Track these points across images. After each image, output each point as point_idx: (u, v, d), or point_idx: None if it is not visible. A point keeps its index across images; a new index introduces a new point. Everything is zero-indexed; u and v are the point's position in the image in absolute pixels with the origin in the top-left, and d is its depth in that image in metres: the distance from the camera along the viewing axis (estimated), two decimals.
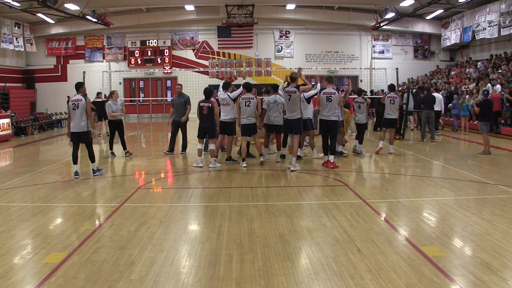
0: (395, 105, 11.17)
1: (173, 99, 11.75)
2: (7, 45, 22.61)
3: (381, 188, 7.63)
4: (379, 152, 10.99)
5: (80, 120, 8.39)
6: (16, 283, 3.88)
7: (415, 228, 5.28)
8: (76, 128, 8.44)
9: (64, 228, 5.50)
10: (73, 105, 8.42)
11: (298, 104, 9.00)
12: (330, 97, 9.08)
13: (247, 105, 9.40)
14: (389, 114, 11.12)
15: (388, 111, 11.13)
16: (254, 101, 9.48)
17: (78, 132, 8.45)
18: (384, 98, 11.41)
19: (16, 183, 8.31)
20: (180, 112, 11.24)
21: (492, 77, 17.67)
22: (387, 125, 11.21)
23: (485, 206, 6.24)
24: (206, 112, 9.45)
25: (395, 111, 11.26)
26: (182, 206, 6.51)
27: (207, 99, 9.56)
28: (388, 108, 11.12)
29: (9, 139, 16.07)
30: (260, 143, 9.98)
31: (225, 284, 3.82)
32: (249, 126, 9.53)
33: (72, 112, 8.44)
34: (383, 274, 3.94)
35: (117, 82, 25.71)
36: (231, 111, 9.71)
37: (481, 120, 11.10)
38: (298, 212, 6.06)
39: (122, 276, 3.99)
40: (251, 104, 9.42)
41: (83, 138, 8.54)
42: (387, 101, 11.18)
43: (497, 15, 19.32)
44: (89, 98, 8.55)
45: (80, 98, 8.41)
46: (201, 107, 9.47)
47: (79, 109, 8.37)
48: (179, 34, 26.54)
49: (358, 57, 26.79)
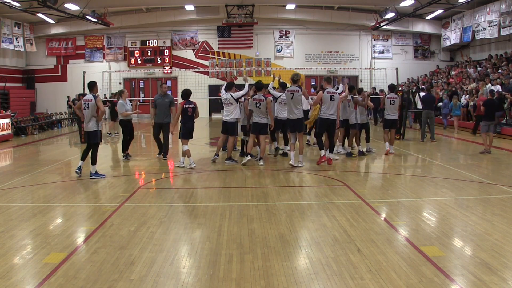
0: (395, 105, 11.10)
1: (155, 99, 10.67)
2: (7, 45, 22.60)
3: (381, 188, 7.63)
4: (388, 154, 10.84)
5: (89, 120, 8.43)
6: (16, 283, 3.88)
7: (415, 228, 5.28)
8: (86, 128, 8.56)
9: (64, 228, 5.50)
10: (84, 104, 8.47)
11: (301, 103, 9.37)
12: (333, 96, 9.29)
13: (257, 106, 9.52)
14: (390, 115, 11.07)
15: (388, 112, 11.09)
16: (264, 102, 9.52)
17: (87, 132, 8.53)
18: (384, 99, 11.36)
19: (16, 183, 8.31)
20: (164, 113, 10.40)
21: (492, 77, 17.67)
22: (388, 126, 11.10)
23: (485, 206, 6.24)
24: (190, 113, 9.52)
25: (395, 112, 11.21)
26: (182, 206, 6.51)
27: (189, 100, 9.55)
28: (388, 109, 11.07)
29: (9, 139, 16.07)
30: (265, 143, 10.16)
31: (225, 284, 3.82)
32: (260, 125, 9.64)
33: (84, 111, 8.50)
34: (383, 274, 3.94)
35: (117, 82, 25.71)
36: (234, 111, 9.76)
37: (485, 120, 11.15)
38: (298, 212, 6.06)
39: (122, 276, 3.99)
40: (261, 105, 9.51)
41: (91, 139, 8.53)
42: (387, 102, 11.11)
43: (497, 15, 19.32)
44: (99, 98, 8.51)
45: (90, 98, 8.44)
46: (185, 109, 9.47)
47: (89, 109, 8.40)
48: (179, 34, 26.54)
49: (358, 57, 26.79)
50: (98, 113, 8.41)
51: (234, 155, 10.36)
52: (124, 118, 10.75)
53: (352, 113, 10.67)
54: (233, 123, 9.84)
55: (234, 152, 10.56)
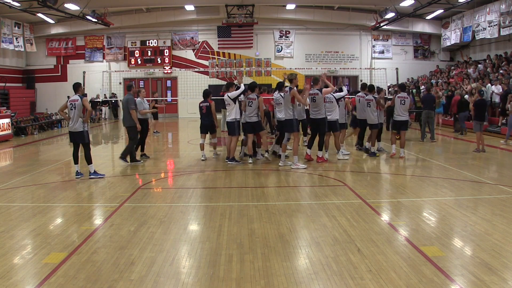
0: (405, 105, 10.34)
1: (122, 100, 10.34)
2: (7, 45, 22.59)
3: (381, 188, 7.63)
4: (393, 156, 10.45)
5: (76, 121, 8.42)
6: (16, 283, 3.88)
7: (415, 228, 5.28)
8: (72, 129, 8.52)
9: (64, 228, 5.50)
10: (71, 105, 8.46)
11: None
12: (314, 98, 9.54)
13: (249, 104, 9.79)
14: (399, 116, 10.38)
15: (398, 112, 10.38)
16: (256, 101, 9.77)
17: (73, 132, 8.51)
18: (394, 100, 10.60)
19: (16, 183, 8.31)
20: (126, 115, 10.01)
21: (492, 77, 17.67)
22: (397, 128, 10.52)
23: (485, 206, 6.24)
24: (205, 111, 10.36)
25: (406, 113, 10.48)
26: (182, 206, 6.51)
27: (206, 99, 10.41)
28: (398, 109, 10.36)
29: (9, 139, 16.07)
30: (267, 141, 10.44)
31: (225, 284, 3.82)
32: (252, 124, 9.85)
33: (70, 112, 8.49)
34: (383, 274, 3.95)
35: (117, 82, 25.71)
36: (233, 111, 9.82)
37: (476, 119, 11.26)
38: (298, 212, 6.06)
39: (122, 276, 3.99)
40: (253, 104, 9.75)
41: (78, 139, 8.54)
42: (397, 102, 10.37)
43: (497, 15, 19.31)
44: (85, 98, 8.55)
45: (76, 99, 8.44)
46: (200, 107, 10.42)
47: (76, 109, 8.40)
48: (179, 34, 26.52)
49: (358, 57, 26.77)
50: (85, 113, 8.42)
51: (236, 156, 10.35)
52: (142, 116, 10.58)
53: (375, 113, 10.59)
54: (232, 123, 9.87)
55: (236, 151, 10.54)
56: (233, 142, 9.98)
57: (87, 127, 8.58)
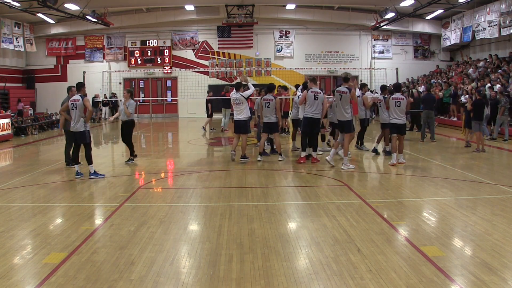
0: (401, 107, 9.59)
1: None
2: (7, 45, 22.58)
3: (381, 188, 7.63)
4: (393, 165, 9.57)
5: (77, 121, 8.42)
6: (16, 283, 3.88)
7: (415, 228, 5.28)
8: (73, 128, 8.52)
9: (64, 228, 5.49)
10: (72, 105, 8.45)
11: (349, 105, 9.30)
12: (317, 96, 9.54)
13: (266, 105, 9.98)
14: (395, 119, 9.64)
15: (393, 115, 9.66)
16: (273, 102, 9.98)
17: (74, 132, 8.52)
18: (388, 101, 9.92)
19: (16, 183, 8.31)
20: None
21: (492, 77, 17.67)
22: (394, 131, 9.74)
23: (485, 206, 6.24)
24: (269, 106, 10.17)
25: (402, 115, 9.69)
26: (182, 206, 6.51)
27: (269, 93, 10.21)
28: (393, 112, 9.67)
29: (9, 139, 16.06)
30: (280, 142, 10.49)
31: (225, 284, 3.82)
32: (271, 124, 10.04)
33: (72, 112, 8.49)
34: (383, 274, 3.95)
35: (117, 82, 25.71)
36: (245, 110, 10.03)
37: (474, 119, 11.30)
38: (298, 212, 6.06)
39: (122, 276, 3.99)
40: (270, 105, 9.96)
41: (78, 139, 8.55)
42: (391, 104, 9.70)
43: (497, 15, 19.31)
44: (86, 98, 8.54)
45: (77, 98, 8.45)
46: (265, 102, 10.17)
47: (77, 109, 8.40)
48: (179, 34, 26.52)
49: (358, 57, 26.78)
50: (86, 113, 8.42)
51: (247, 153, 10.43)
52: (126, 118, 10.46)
53: (385, 113, 10.42)
54: (245, 121, 10.09)
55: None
56: (244, 140, 10.19)
57: (88, 127, 8.58)
